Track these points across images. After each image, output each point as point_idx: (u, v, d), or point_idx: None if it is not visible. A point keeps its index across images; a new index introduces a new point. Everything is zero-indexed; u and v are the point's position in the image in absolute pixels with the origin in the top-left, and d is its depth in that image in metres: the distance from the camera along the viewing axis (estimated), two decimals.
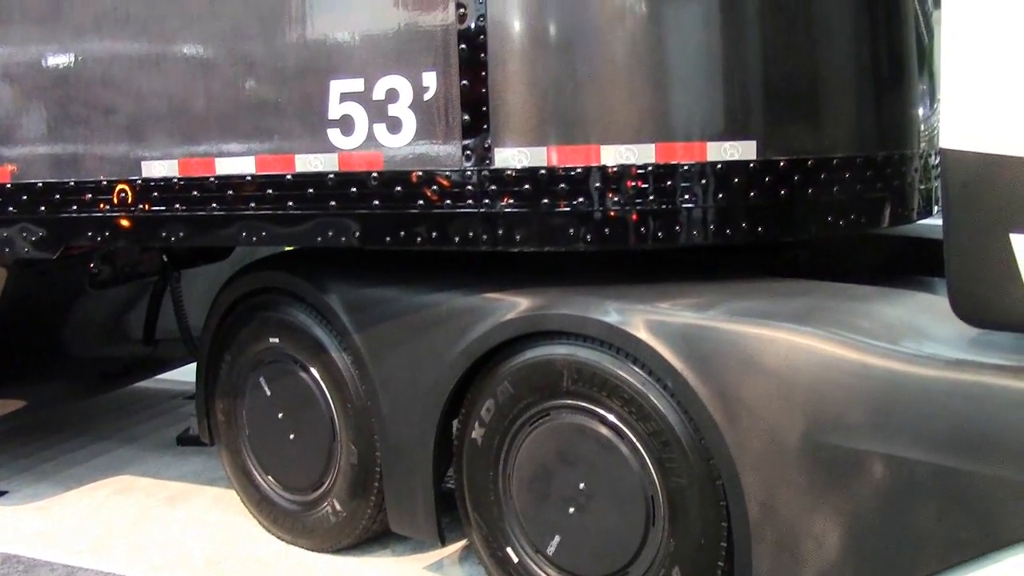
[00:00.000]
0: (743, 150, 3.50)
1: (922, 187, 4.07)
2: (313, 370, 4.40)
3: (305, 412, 4.48)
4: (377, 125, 3.77)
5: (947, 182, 2.96)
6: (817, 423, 3.08)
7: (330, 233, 3.96)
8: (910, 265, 4.38)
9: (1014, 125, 2.79)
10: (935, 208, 4.13)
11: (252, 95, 4.10)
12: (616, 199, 3.51)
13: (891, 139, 3.91)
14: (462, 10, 3.60)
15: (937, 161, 4.01)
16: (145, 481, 5.62)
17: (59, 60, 4.51)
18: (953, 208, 2.96)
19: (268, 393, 4.63)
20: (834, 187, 3.64)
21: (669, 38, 3.60)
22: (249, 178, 4.08)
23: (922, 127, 4.10)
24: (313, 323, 4.38)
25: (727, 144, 3.49)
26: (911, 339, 3.15)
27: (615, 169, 3.50)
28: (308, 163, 3.95)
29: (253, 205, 4.08)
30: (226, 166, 4.13)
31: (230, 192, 4.13)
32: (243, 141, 4.10)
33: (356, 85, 3.81)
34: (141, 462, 5.95)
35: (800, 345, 3.13)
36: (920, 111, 4.11)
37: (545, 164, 3.54)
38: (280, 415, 4.59)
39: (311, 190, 3.96)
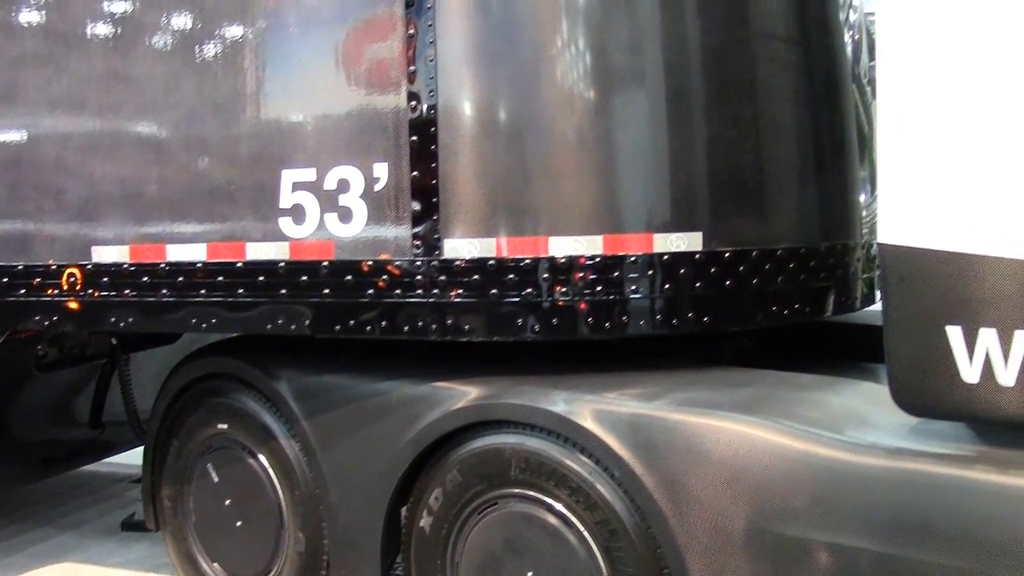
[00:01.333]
0: (689, 241, 3.57)
1: (865, 276, 4.16)
2: (261, 457, 4.38)
3: (253, 499, 4.45)
4: (328, 214, 3.81)
5: (885, 276, 3.03)
6: (762, 511, 3.10)
7: (280, 320, 3.97)
8: (857, 352, 4.44)
9: (949, 220, 2.87)
10: (878, 296, 4.21)
11: (205, 182, 4.13)
12: (564, 289, 3.56)
13: (834, 229, 4.00)
14: (414, 101, 3.66)
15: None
16: (88, 569, 5.53)
17: (10, 142, 4.52)
18: (891, 301, 3.03)
19: (216, 479, 4.59)
20: (778, 277, 3.71)
21: (616, 132, 3.68)
22: (200, 265, 4.10)
23: (864, 216, 4.20)
24: (262, 410, 4.36)
25: (673, 236, 3.56)
26: (854, 428, 3.20)
27: (563, 260, 3.55)
28: (259, 251, 3.97)
29: (204, 292, 4.10)
30: (177, 253, 4.15)
31: (181, 278, 4.14)
32: (195, 228, 4.12)
33: (308, 175, 3.85)
34: (84, 549, 5.85)
35: (745, 434, 3.16)
36: (862, 200, 4.21)
37: (494, 255, 3.59)
38: (227, 502, 4.56)
39: (262, 278, 3.98)
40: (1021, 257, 2.79)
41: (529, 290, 3.57)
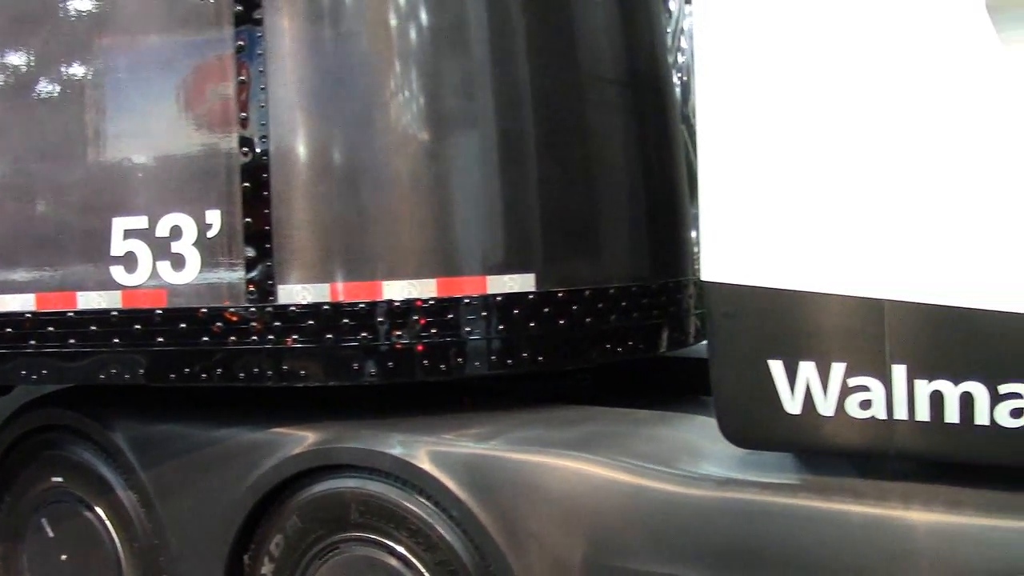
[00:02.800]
0: (522, 282, 3.62)
1: (698, 311, 4.26)
2: (98, 509, 4.27)
3: (90, 553, 4.33)
4: (161, 262, 3.77)
5: (709, 313, 3.12)
6: (599, 546, 3.16)
7: (114, 370, 3.90)
8: (695, 385, 4.55)
9: (768, 257, 2.98)
10: None
11: (33, 231, 4.03)
12: (400, 333, 3.57)
13: (666, 267, 4.10)
14: (245, 147, 3.65)
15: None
16: None
17: None
18: (716, 337, 3.13)
19: (51, 535, 4.46)
20: (612, 315, 3.79)
21: (447, 175, 3.73)
22: (29, 315, 3.99)
23: (696, 252, 4.31)
24: (98, 461, 4.26)
25: (506, 277, 3.61)
26: (687, 460, 3.28)
27: (398, 304, 3.57)
28: (91, 300, 3.90)
29: (33, 343, 3.99)
30: (4, 303, 4.04)
31: (9, 329, 4.03)
32: (23, 277, 4.02)
33: (140, 222, 3.80)
34: None
35: (579, 471, 3.22)
36: (693, 237, 4.32)
37: (329, 300, 3.59)
38: (64, 557, 4.43)
39: (94, 327, 3.90)
40: (838, 292, 2.91)
41: (365, 334, 3.58)
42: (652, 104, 4.23)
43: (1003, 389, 2.77)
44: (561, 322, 3.68)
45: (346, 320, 3.58)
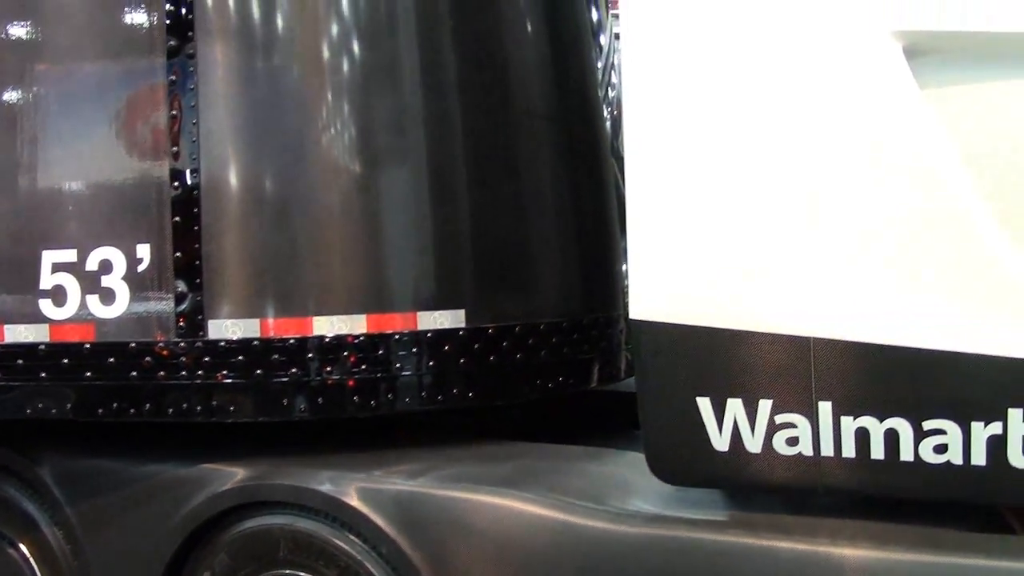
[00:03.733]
0: (452, 318, 3.64)
1: (629, 345, 4.29)
2: (22, 546, 4.20)
3: None
4: (90, 296, 3.73)
5: (637, 351, 3.16)
6: None
7: (41, 405, 3.84)
8: (625, 420, 4.57)
9: (694, 296, 3.02)
10: None
11: None
12: (331, 369, 3.57)
13: (596, 302, 4.13)
14: (176, 181, 3.64)
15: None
16: None
17: None
18: (645, 375, 3.16)
19: None
20: (542, 351, 3.81)
21: (377, 211, 3.74)
22: None
23: (626, 287, 4.34)
24: (23, 497, 4.19)
25: (437, 313, 3.62)
26: (617, 497, 3.31)
27: (329, 339, 3.57)
28: (18, 333, 3.84)
29: None
30: None
31: None
32: None
33: (69, 255, 3.76)
34: None
35: (509, 508, 3.24)
36: (623, 271, 4.35)
37: (259, 335, 3.58)
38: None
39: (21, 360, 3.84)
40: (763, 330, 2.95)
41: (295, 370, 3.57)
42: (582, 139, 4.26)
43: (927, 425, 2.84)
44: (492, 358, 3.70)
45: (276, 356, 3.57)
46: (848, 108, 2.85)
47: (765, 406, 2.98)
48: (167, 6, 3.70)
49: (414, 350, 3.61)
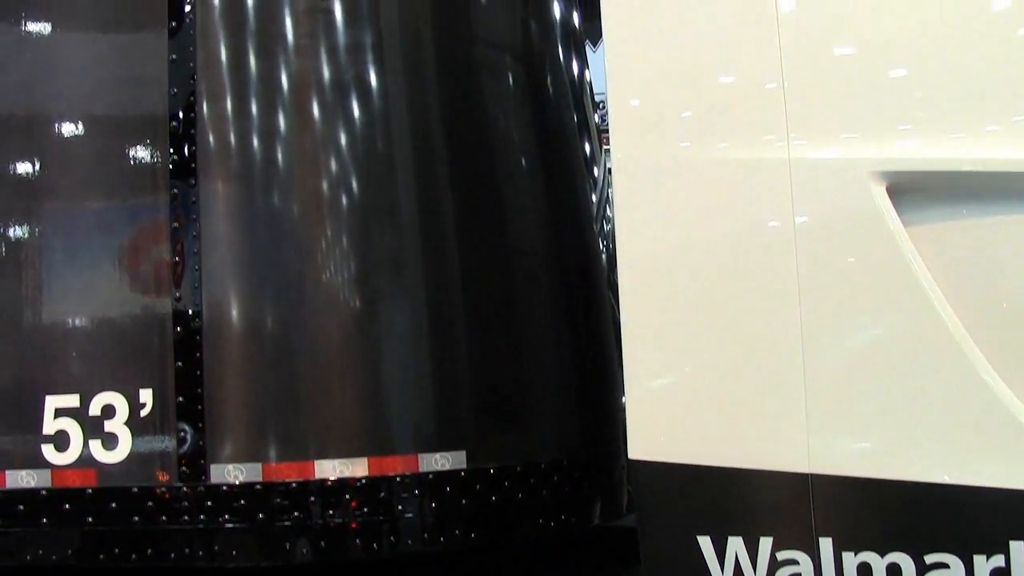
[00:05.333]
0: (453, 460, 3.65)
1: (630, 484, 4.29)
2: None
3: None
4: (92, 441, 3.74)
5: (637, 490, 3.16)
6: None
7: (41, 551, 3.82)
8: (628, 555, 4.54)
9: (693, 435, 3.04)
10: None
11: None
12: (333, 512, 3.57)
13: (597, 439, 4.14)
14: (179, 327, 3.68)
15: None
16: None
17: None
18: (645, 514, 3.16)
19: None
20: (543, 490, 3.81)
21: (378, 355, 3.79)
22: None
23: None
24: None
25: (438, 455, 3.64)
26: None
27: (331, 483, 3.57)
28: (20, 479, 3.85)
29: None
30: None
31: None
32: None
33: (71, 400, 3.78)
34: None
35: None
36: (624, 405, 4.36)
37: (261, 479, 3.58)
38: None
39: (22, 506, 3.83)
40: (762, 467, 2.96)
41: (298, 513, 3.57)
42: (579, 276, 4.32)
43: (930, 559, 2.83)
44: (493, 498, 3.70)
45: (279, 499, 3.58)
46: (836, 248, 2.90)
47: (766, 543, 2.97)
48: (171, 150, 3.78)
49: (416, 492, 3.62)
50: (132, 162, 3.89)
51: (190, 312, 3.70)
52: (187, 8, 3.84)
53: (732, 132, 3.06)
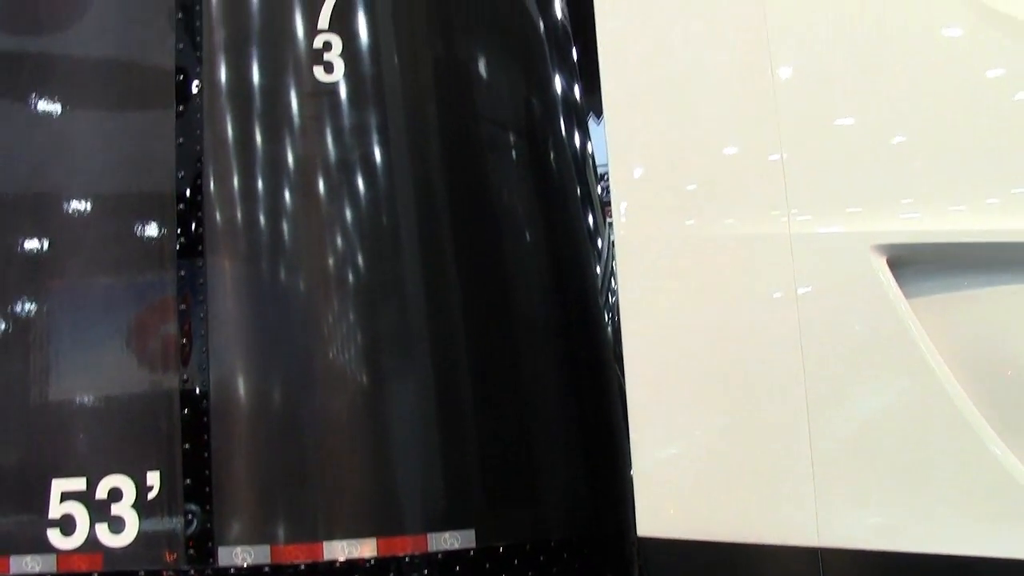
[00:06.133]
0: (462, 539, 3.64)
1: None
2: None
3: None
4: (99, 524, 3.73)
5: (647, 567, 3.15)
6: None
7: None
8: None
9: (702, 510, 3.03)
10: None
11: None
12: None
13: (607, 515, 4.12)
14: (186, 408, 3.68)
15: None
16: None
17: None
18: None
19: None
20: (553, 568, 3.79)
21: (386, 433, 3.79)
22: None
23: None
24: None
25: (447, 534, 3.63)
26: None
27: (340, 564, 3.56)
28: (24, 564, 3.83)
29: None
30: None
31: None
32: None
33: (78, 484, 3.77)
34: None
35: None
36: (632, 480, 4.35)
37: (270, 561, 3.57)
38: None
39: None
40: (773, 542, 2.95)
41: None
42: (585, 349, 4.33)
43: None
44: None
45: None
46: (839, 321, 2.92)
47: None
48: (179, 230, 3.81)
49: (425, 572, 3.61)
50: (139, 242, 3.91)
51: (197, 392, 3.70)
52: (194, 90, 3.89)
53: (733, 207, 3.10)
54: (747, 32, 3.16)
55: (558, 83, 4.81)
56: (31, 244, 4.05)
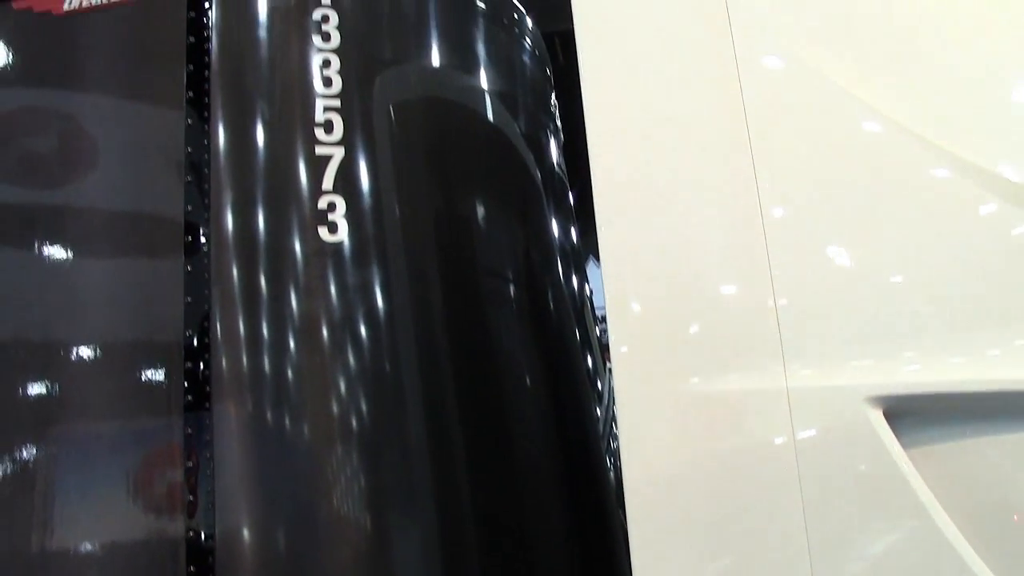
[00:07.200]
0: None
1: None
2: None
3: None
4: None
5: None
6: None
7: None
8: None
9: None
10: None
11: None
12: None
13: None
14: (191, 566, 3.69)
15: None
16: None
17: None
18: None
19: None
20: None
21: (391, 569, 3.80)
22: None
23: None
24: None
25: None
26: None
27: None
28: None
29: None
30: None
31: None
32: None
33: None
34: None
35: None
36: None
37: None
38: None
39: None
40: None
41: None
42: (589, 496, 4.36)
43: None
44: None
45: None
46: (838, 474, 2.97)
47: None
48: (185, 383, 3.87)
49: None
50: (146, 395, 3.96)
51: (203, 533, 3.71)
52: (202, 249, 3.98)
53: (728, 362, 3.15)
54: (737, 185, 3.25)
55: (555, 228, 4.92)
56: (33, 389, 4.09)
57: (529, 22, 5.32)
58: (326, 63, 4.18)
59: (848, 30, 3.32)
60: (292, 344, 3.94)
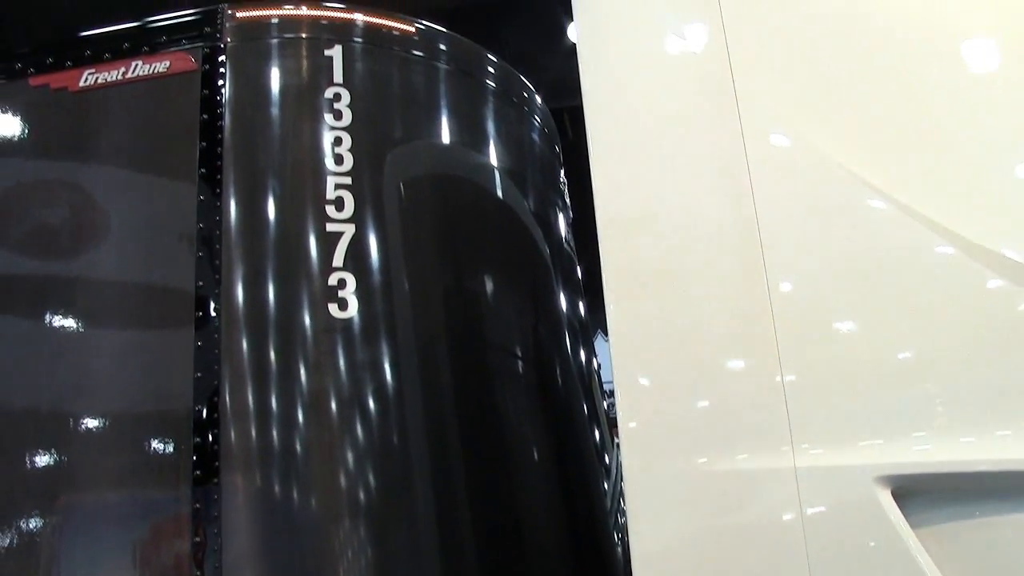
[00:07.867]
0: None
1: None
2: None
3: None
4: None
5: None
6: None
7: None
8: None
9: None
10: None
11: None
12: None
13: None
14: None
15: None
16: None
17: None
18: None
19: None
20: None
21: None
22: None
23: None
24: None
25: None
26: None
27: None
28: None
29: None
30: None
31: None
32: None
33: None
34: None
35: None
36: None
37: None
38: None
39: None
40: None
41: None
42: (596, 571, 4.34)
43: None
44: None
45: None
46: (847, 553, 2.95)
47: None
48: (194, 457, 3.87)
49: None
50: (154, 462, 3.96)
51: None
52: (213, 324, 4.00)
53: (736, 440, 3.15)
54: (745, 263, 3.27)
55: (563, 303, 4.94)
56: (42, 459, 4.09)
57: (538, 99, 5.39)
58: (337, 141, 4.23)
59: (855, 109, 3.35)
60: (301, 419, 3.95)
